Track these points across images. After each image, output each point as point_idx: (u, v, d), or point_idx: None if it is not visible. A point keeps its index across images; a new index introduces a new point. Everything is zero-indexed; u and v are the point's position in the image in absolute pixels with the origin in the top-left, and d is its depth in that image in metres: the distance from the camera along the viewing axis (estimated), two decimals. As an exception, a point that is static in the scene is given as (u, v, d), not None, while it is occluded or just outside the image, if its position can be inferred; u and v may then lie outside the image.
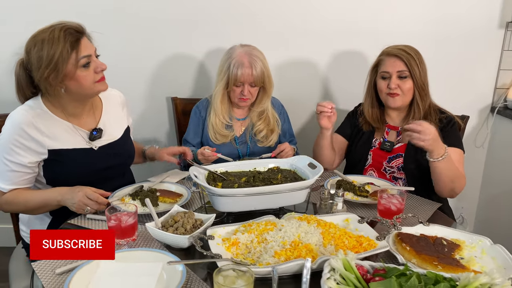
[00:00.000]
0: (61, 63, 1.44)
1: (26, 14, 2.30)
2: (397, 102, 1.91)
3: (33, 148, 1.53)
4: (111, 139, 1.71)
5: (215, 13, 2.42)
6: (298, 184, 1.49)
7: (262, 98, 2.11)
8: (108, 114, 1.74)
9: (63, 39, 1.44)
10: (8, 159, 1.52)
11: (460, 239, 1.37)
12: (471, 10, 2.47)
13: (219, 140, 2.08)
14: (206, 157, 1.89)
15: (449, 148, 1.82)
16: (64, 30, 1.45)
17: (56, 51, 1.43)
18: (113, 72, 2.42)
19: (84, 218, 1.51)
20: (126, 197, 1.60)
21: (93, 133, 1.65)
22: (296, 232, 1.26)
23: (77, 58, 1.47)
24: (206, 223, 1.35)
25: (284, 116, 2.24)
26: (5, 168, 1.54)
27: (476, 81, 2.63)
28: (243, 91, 2.00)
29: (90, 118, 1.68)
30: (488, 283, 1.01)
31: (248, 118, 2.16)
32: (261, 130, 2.12)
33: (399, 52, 1.89)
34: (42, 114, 1.55)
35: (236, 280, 1.02)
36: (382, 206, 1.51)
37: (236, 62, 1.97)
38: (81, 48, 1.48)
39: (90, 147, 1.65)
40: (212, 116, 2.09)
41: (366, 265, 1.12)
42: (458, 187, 1.80)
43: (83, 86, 1.52)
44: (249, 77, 1.97)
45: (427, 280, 1.05)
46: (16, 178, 1.55)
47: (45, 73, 1.44)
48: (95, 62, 1.53)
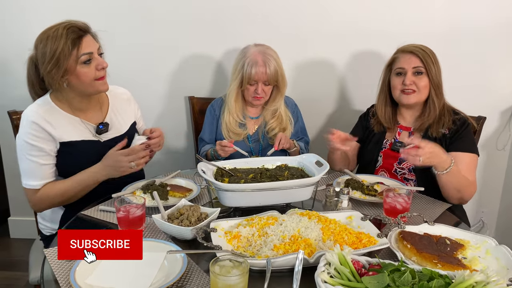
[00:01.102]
0: (62, 59, 1.53)
1: (43, 14, 2.44)
2: (411, 99, 1.89)
3: (48, 139, 1.61)
4: (117, 133, 1.79)
5: (233, 13, 2.47)
6: (303, 181, 1.51)
7: (275, 97, 2.14)
8: (115, 110, 1.82)
9: (65, 36, 1.53)
10: (31, 155, 1.61)
11: (464, 239, 1.36)
12: (490, 9, 2.41)
13: (232, 138, 2.12)
14: (223, 147, 1.93)
15: (461, 154, 1.81)
16: (68, 28, 1.54)
17: (58, 47, 1.52)
18: (134, 72, 2.53)
19: (96, 209, 1.58)
20: (138, 191, 1.66)
21: (99, 127, 1.73)
22: (296, 227, 1.28)
23: (77, 54, 1.55)
24: (210, 216, 1.39)
25: (298, 115, 2.26)
26: (33, 165, 1.62)
27: (498, 82, 2.57)
28: (257, 89, 2.04)
29: (96, 113, 1.76)
30: (483, 281, 1.00)
31: (261, 116, 2.19)
32: (274, 128, 2.15)
33: (415, 49, 1.89)
34: (50, 109, 1.64)
35: (232, 270, 1.06)
36: (387, 205, 1.51)
37: (250, 61, 2.00)
38: (83, 46, 1.56)
39: (97, 139, 1.73)
40: (226, 114, 2.14)
41: (362, 260, 1.13)
42: (466, 195, 1.78)
43: (84, 82, 1.60)
44: (262, 76, 2.00)
45: (422, 277, 1.05)
46: (46, 171, 1.63)
47: (48, 67, 1.54)
48: (97, 59, 1.61)
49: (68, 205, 1.71)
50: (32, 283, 1.74)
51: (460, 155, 1.81)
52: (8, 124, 2.04)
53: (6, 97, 2.60)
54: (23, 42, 2.45)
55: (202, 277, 1.17)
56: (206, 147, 2.17)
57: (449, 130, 1.87)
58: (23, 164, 1.63)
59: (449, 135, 1.87)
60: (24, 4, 2.48)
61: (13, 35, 2.51)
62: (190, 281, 1.16)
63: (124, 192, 1.63)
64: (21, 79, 2.49)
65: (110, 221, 1.50)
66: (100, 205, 1.59)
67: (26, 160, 1.62)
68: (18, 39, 2.49)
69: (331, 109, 2.64)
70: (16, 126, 1.93)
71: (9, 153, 2.72)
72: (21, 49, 1.95)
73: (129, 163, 1.57)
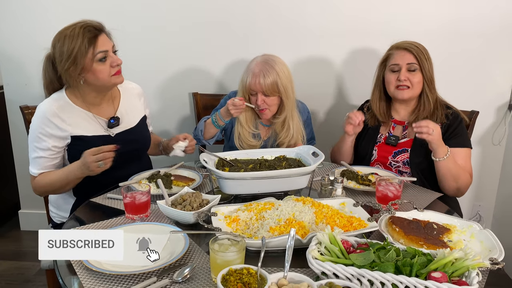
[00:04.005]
0: (80, 57, 1.63)
1: (58, 13, 2.55)
2: (406, 94, 1.95)
3: (58, 135, 1.71)
4: (127, 126, 1.88)
5: (234, 13, 2.55)
6: (299, 170, 1.59)
7: (281, 110, 2.06)
8: (126, 104, 1.91)
9: (82, 36, 1.62)
10: (37, 147, 1.72)
11: (451, 224, 1.44)
12: (487, 8, 2.48)
13: (246, 149, 2.05)
14: (237, 106, 1.93)
15: (456, 148, 1.89)
16: (84, 27, 1.63)
17: (75, 46, 1.61)
18: (140, 69, 2.62)
19: (104, 197, 1.67)
20: (143, 180, 1.75)
21: (110, 121, 1.82)
22: (291, 211, 1.37)
23: (94, 52, 1.64)
24: (212, 202, 1.48)
25: (309, 122, 2.24)
26: (35, 154, 1.73)
27: (494, 78, 2.63)
28: (257, 100, 2.00)
29: (109, 107, 1.85)
30: (462, 257, 1.08)
31: (271, 128, 2.14)
32: (283, 143, 2.09)
33: (409, 45, 1.96)
34: (64, 105, 1.74)
35: (229, 247, 1.14)
36: (379, 193, 1.59)
37: (250, 70, 1.99)
38: (98, 44, 1.65)
39: (108, 134, 1.82)
40: (237, 126, 2.10)
41: (351, 240, 1.21)
42: (463, 186, 1.87)
43: (100, 78, 1.69)
44: (258, 86, 1.96)
45: (406, 254, 1.13)
46: (44, 163, 1.74)
47: (65, 65, 1.64)
48: (112, 57, 1.70)
49: (78, 194, 1.83)
50: (44, 268, 1.83)
51: (457, 150, 1.90)
52: (19, 119, 2.14)
53: (18, 93, 2.71)
54: (37, 41, 2.58)
55: (203, 257, 1.26)
56: (205, 117, 2.14)
57: (442, 124, 1.94)
58: (30, 152, 1.75)
59: (443, 130, 1.93)
60: (37, 5, 2.58)
61: (28, 35, 2.62)
62: (191, 260, 1.25)
63: (130, 181, 1.72)
64: (32, 77, 2.62)
65: (117, 207, 1.60)
66: (108, 193, 1.69)
67: (32, 149, 1.74)
68: (32, 39, 2.61)
69: (328, 105, 2.71)
70: (27, 121, 2.02)
71: (20, 148, 2.83)
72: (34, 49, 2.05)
73: (97, 162, 1.59)
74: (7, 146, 2.88)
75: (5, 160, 2.97)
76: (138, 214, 1.46)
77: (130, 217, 1.47)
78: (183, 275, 1.14)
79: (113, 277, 1.15)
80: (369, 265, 1.09)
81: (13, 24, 2.62)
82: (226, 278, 1.03)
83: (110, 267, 1.17)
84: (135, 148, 1.91)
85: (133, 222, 1.43)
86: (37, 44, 1.91)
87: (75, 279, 1.16)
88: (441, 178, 1.84)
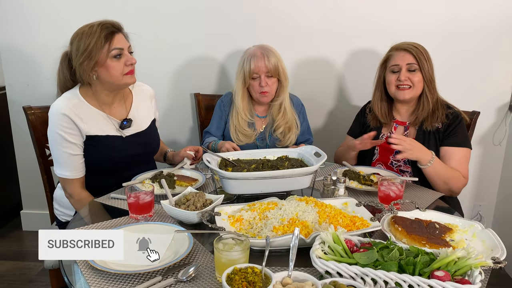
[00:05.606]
0: (95, 52, 1.65)
1: (61, 14, 2.56)
2: (407, 94, 1.97)
3: (75, 131, 1.71)
4: (138, 129, 1.89)
5: (235, 13, 2.57)
6: (302, 170, 1.60)
7: (279, 93, 2.17)
8: (138, 106, 1.91)
9: (99, 32, 1.65)
10: (64, 146, 1.70)
11: (453, 224, 1.45)
12: (487, 7, 2.49)
13: (242, 141, 2.17)
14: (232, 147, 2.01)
15: (454, 148, 1.91)
16: (102, 25, 1.67)
17: (91, 41, 1.65)
18: (144, 70, 2.62)
19: (107, 197, 1.68)
20: (147, 180, 1.75)
21: (123, 123, 1.82)
22: (294, 211, 1.38)
23: (109, 48, 1.67)
24: (215, 201, 1.49)
25: (304, 115, 2.31)
26: (65, 156, 1.71)
27: (495, 79, 2.64)
28: (260, 83, 2.08)
29: (121, 108, 1.86)
30: (464, 257, 1.09)
31: (268, 116, 2.24)
32: (280, 127, 2.19)
33: (408, 46, 1.98)
34: (79, 103, 1.74)
35: (234, 246, 1.15)
36: (382, 193, 1.60)
37: (250, 55, 2.09)
38: (114, 41, 1.68)
39: (120, 135, 1.82)
40: (234, 115, 2.19)
41: (354, 240, 1.22)
42: (455, 187, 1.88)
43: (112, 75, 1.70)
44: (263, 67, 2.06)
45: (409, 253, 1.14)
46: (76, 161, 1.73)
47: (80, 59, 1.66)
48: (126, 55, 1.72)
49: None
50: (47, 267, 1.84)
51: (453, 149, 1.92)
52: (22, 119, 2.14)
53: (20, 94, 2.72)
54: (39, 42, 2.59)
55: (207, 256, 1.27)
56: (209, 139, 2.22)
57: (443, 124, 1.96)
58: (56, 155, 1.73)
59: (443, 130, 1.95)
60: (40, 6, 2.59)
61: (30, 36, 2.62)
62: (196, 259, 1.25)
63: (134, 181, 1.73)
64: (34, 77, 2.63)
65: (121, 207, 1.60)
66: (112, 193, 1.69)
67: (58, 151, 1.71)
68: (34, 39, 2.61)
69: (330, 106, 2.73)
70: (30, 121, 2.03)
71: (22, 148, 2.84)
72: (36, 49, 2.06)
73: None
74: (10, 147, 2.89)
75: (7, 160, 2.98)
76: (142, 214, 1.47)
77: (134, 217, 1.47)
78: (187, 274, 1.15)
79: (118, 276, 1.16)
80: (373, 264, 1.10)
81: (15, 25, 2.62)
82: (231, 277, 1.04)
83: (115, 266, 1.18)
84: (145, 151, 1.92)
85: (137, 222, 1.44)
86: (39, 45, 1.94)
87: (80, 278, 1.17)
88: (430, 181, 1.88)
